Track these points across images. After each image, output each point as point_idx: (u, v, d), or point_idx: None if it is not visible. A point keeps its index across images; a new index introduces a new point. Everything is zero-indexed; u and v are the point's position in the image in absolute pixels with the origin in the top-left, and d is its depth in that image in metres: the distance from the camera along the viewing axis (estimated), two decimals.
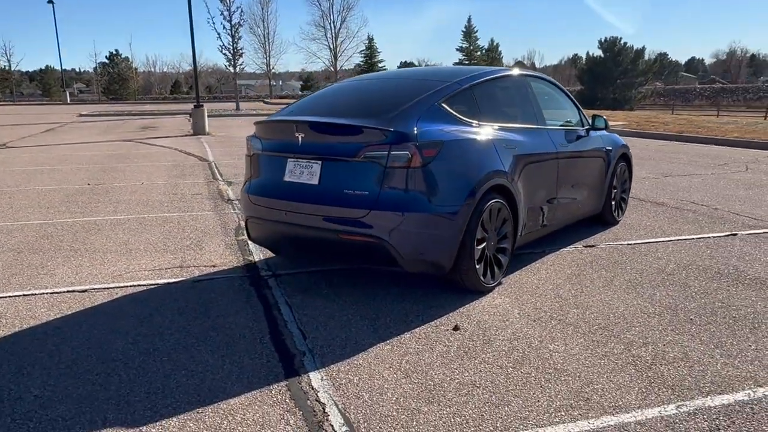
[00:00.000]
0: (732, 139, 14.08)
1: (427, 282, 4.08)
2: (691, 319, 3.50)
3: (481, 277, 3.83)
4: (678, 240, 5.29)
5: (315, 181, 3.66)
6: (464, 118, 3.92)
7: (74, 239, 5.39)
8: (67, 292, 4.01)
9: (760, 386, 2.72)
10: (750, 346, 3.14)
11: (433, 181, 3.52)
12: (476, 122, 3.99)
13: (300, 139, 3.69)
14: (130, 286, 4.12)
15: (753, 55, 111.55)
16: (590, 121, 5.49)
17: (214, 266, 4.57)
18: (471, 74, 4.26)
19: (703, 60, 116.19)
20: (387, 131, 3.46)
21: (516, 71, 4.71)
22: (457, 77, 4.16)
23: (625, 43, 45.38)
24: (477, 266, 3.77)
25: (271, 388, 2.74)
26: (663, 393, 2.67)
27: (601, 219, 5.76)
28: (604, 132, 5.70)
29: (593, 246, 5.12)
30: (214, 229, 5.73)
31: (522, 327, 3.39)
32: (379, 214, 3.46)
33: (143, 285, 4.14)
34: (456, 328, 3.37)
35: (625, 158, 5.98)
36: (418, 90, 3.96)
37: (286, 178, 3.81)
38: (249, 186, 4.13)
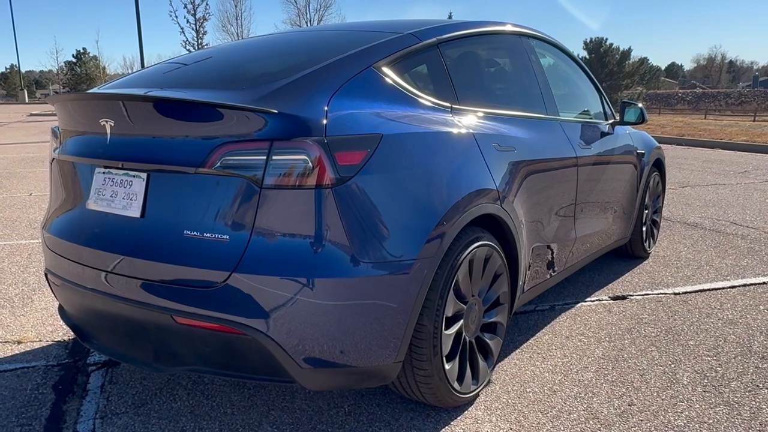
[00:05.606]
0: (741, 143, 12.59)
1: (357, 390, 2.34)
2: None
3: (454, 384, 2.10)
4: (744, 286, 3.62)
5: (135, 211, 1.90)
6: (424, 97, 2.20)
7: None
8: None
9: None
10: None
11: (361, 214, 1.78)
12: (446, 104, 2.27)
13: (109, 130, 1.93)
14: None
15: (731, 61, 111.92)
16: (614, 111, 3.82)
17: (19, 342, 2.78)
18: (437, 25, 2.53)
19: (682, 66, 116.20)
20: (266, 114, 1.72)
21: (510, 26, 2.97)
22: (414, 27, 2.42)
23: (611, 44, 43.93)
24: (447, 366, 2.05)
25: None
26: None
27: (628, 251, 4.08)
28: (631, 128, 4.03)
29: (624, 297, 3.42)
30: None
31: None
32: (250, 279, 1.71)
33: None
34: None
35: (659, 165, 4.30)
36: (343, 45, 2.22)
37: (91, 205, 2.04)
38: (47, 218, 2.35)
